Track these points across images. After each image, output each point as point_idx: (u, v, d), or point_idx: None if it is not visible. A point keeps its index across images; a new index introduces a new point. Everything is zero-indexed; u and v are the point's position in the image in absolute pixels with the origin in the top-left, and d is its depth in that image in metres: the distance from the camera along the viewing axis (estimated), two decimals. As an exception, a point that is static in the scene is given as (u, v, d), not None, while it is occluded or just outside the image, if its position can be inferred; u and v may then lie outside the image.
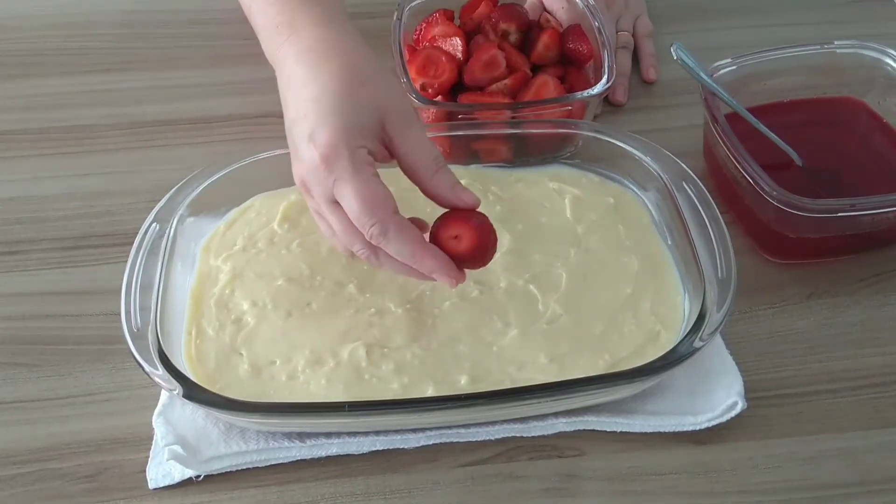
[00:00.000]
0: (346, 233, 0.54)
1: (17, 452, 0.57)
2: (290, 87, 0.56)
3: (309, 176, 0.54)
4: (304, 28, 0.58)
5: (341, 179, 0.52)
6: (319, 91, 0.54)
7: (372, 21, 0.85)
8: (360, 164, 0.53)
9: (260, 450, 0.56)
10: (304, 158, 0.54)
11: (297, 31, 0.58)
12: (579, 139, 0.71)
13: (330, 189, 0.53)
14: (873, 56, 0.73)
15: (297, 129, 0.54)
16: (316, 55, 0.56)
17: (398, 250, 0.53)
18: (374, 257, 0.54)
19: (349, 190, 0.52)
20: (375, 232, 0.52)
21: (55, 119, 0.79)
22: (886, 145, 0.73)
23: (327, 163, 0.52)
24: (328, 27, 0.58)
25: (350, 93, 0.54)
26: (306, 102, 0.54)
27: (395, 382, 0.57)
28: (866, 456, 0.57)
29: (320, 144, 0.52)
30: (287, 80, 0.57)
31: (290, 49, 0.57)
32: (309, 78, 0.55)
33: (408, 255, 0.53)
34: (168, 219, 0.62)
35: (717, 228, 0.61)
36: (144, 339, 0.55)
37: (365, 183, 0.52)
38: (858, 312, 0.65)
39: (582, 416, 0.58)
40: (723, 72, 0.72)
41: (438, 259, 0.53)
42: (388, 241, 0.52)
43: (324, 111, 0.53)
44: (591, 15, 0.78)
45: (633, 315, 0.60)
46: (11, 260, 0.68)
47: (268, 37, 0.60)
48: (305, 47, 0.57)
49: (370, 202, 0.52)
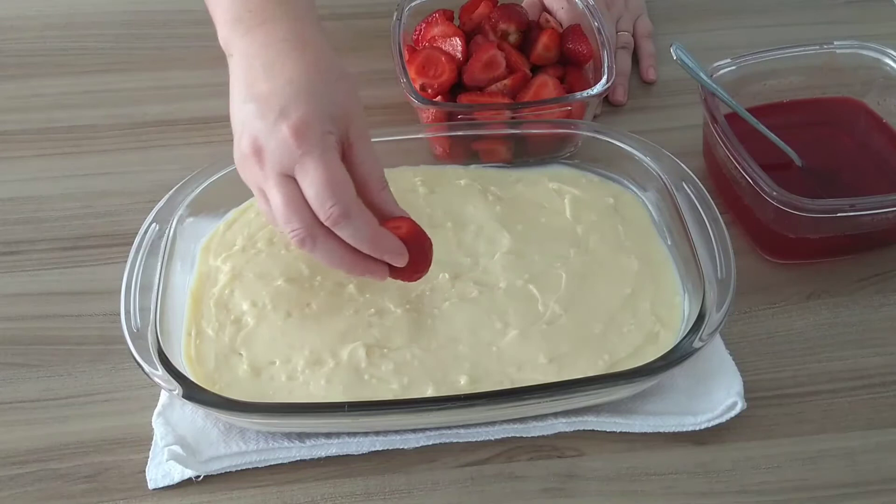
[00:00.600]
0: (288, 210, 0.53)
1: (16, 453, 0.57)
2: (253, 69, 0.56)
3: (271, 148, 0.53)
4: (279, 20, 0.58)
5: (309, 155, 0.52)
6: (295, 75, 0.55)
7: (372, 21, 0.85)
8: (329, 146, 0.53)
9: (259, 450, 0.56)
10: (267, 131, 0.53)
11: (270, 21, 0.58)
12: (579, 139, 0.71)
13: (291, 164, 0.53)
14: (873, 56, 0.73)
15: (258, 105, 0.54)
16: (290, 45, 0.57)
17: (357, 232, 0.53)
18: (309, 240, 0.53)
19: (315, 168, 0.52)
20: (336, 212, 0.52)
21: (55, 119, 0.79)
22: (886, 145, 0.73)
23: (298, 137, 0.52)
24: (302, 22, 0.59)
25: (326, 84, 0.55)
26: (278, 84, 0.54)
27: (394, 383, 0.57)
28: (866, 456, 0.57)
29: (293, 119, 0.53)
30: (249, 62, 0.57)
31: (260, 36, 0.57)
32: (282, 63, 0.55)
33: (367, 237, 0.53)
34: (168, 219, 0.62)
35: (716, 228, 0.61)
36: (144, 339, 0.55)
37: (332, 163, 0.53)
38: (858, 313, 0.65)
39: (581, 416, 0.58)
40: (722, 72, 0.72)
41: (395, 241, 0.55)
42: (348, 223, 0.53)
43: (299, 92, 0.54)
44: (590, 15, 0.78)
45: (633, 315, 0.60)
46: (11, 260, 0.68)
47: (233, 19, 0.59)
48: (279, 37, 0.57)
49: (335, 183, 0.52)
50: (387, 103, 0.79)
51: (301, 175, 0.53)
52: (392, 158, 0.69)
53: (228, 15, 0.60)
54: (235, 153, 0.56)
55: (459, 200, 0.68)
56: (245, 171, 0.56)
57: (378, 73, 0.82)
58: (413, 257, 0.56)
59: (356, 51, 0.84)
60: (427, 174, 0.69)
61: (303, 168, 0.52)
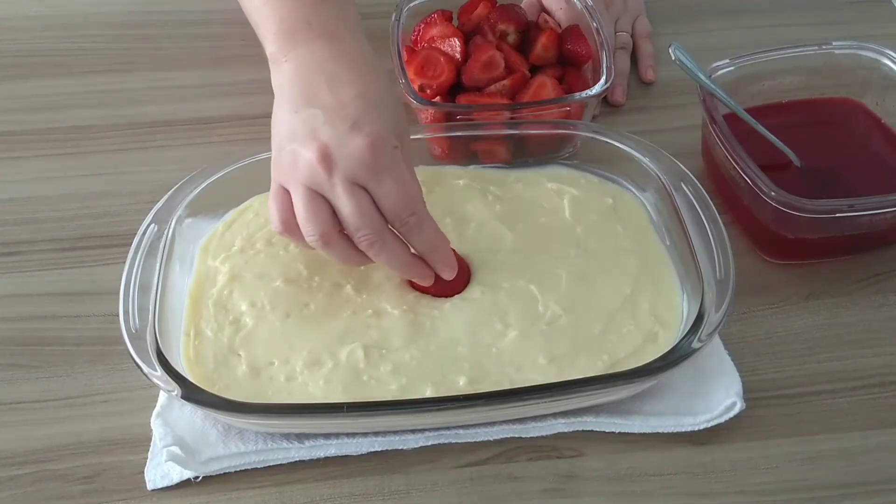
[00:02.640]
0: (362, 217, 0.55)
1: (15, 454, 0.57)
2: (314, 79, 0.58)
3: (344, 157, 0.55)
4: (341, 36, 0.61)
5: (385, 170, 0.55)
6: (364, 90, 0.57)
7: (370, 21, 0.85)
8: (398, 160, 0.56)
9: (258, 451, 0.56)
10: (339, 140, 0.55)
11: (332, 35, 0.60)
12: (578, 140, 0.71)
13: (364, 175, 0.55)
14: (871, 57, 0.73)
15: (326, 114, 0.56)
16: (354, 60, 0.59)
17: (427, 239, 0.58)
18: (378, 244, 0.56)
19: (394, 180, 0.55)
20: (413, 221, 0.57)
21: (54, 120, 0.79)
22: (884, 146, 0.73)
23: (373, 150, 0.55)
24: (360, 42, 0.62)
25: (390, 100, 0.59)
26: (347, 96, 0.57)
27: (393, 383, 0.57)
28: (865, 456, 0.57)
29: (367, 132, 0.55)
30: (309, 72, 0.58)
31: (322, 49, 0.59)
32: (348, 76, 0.58)
33: (432, 245, 0.58)
34: (166, 220, 0.62)
35: (715, 229, 0.61)
36: (143, 340, 0.55)
37: (408, 175, 0.57)
38: (857, 313, 0.65)
39: (581, 416, 0.58)
40: (721, 72, 0.72)
41: (451, 253, 0.60)
42: (421, 231, 0.57)
43: (368, 106, 0.57)
44: (589, 15, 0.78)
45: (632, 316, 0.60)
46: (10, 261, 0.68)
47: (290, 29, 0.61)
48: (343, 51, 0.60)
49: (412, 196, 0.57)
50: (386, 104, 0.79)
51: (376, 187, 0.55)
52: (391, 159, 0.69)
53: (286, 24, 0.61)
54: (281, 153, 0.57)
55: (459, 200, 0.68)
56: (295, 170, 0.56)
57: (377, 73, 0.82)
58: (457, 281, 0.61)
59: (355, 51, 0.84)
60: (426, 174, 0.69)
61: (379, 181, 0.55)
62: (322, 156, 0.55)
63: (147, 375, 0.53)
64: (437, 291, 0.61)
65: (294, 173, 0.56)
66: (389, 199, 0.56)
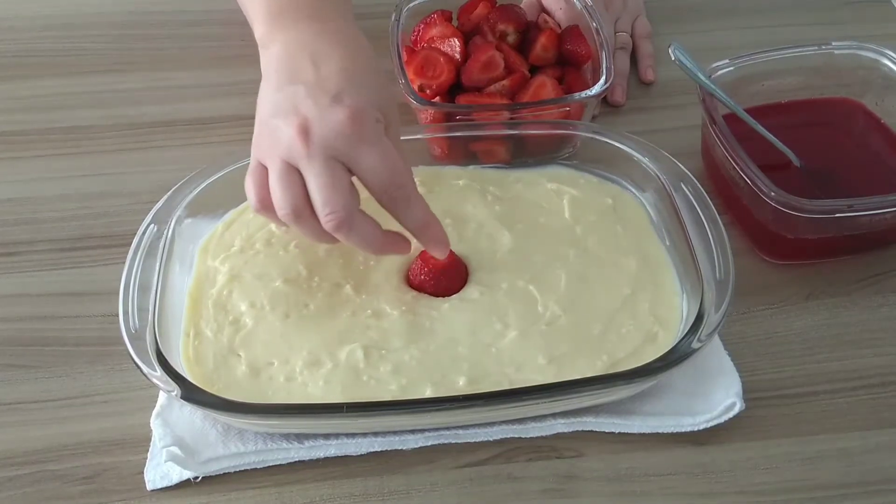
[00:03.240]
0: (333, 192, 0.53)
1: (14, 454, 0.57)
2: (298, 57, 0.58)
3: (324, 130, 0.54)
4: (326, 16, 0.61)
5: (368, 141, 0.54)
6: (347, 64, 0.57)
7: (370, 21, 0.85)
8: (381, 133, 0.55)
9: (258, 451, 0.56)
10: (320, 113, 0.54)
11: (317, 16, 0.61)
12: (577, 140, 0.71)
13: (344, 149, 0.54)
14: (871, 57, 0.73)
15: (307, 88, 0.55)
16: (338, 38, 0.59)
17: (417, 216, 0.56)
18: (346, 224, 0.54)
19: (377, 152, 0.54)
20: (400, 196, 0.55)
21: (53, 120, 0.79)
22: (884, 146, 0.73)
23: (354, 123, 0.54)
24: (346, 20, 0.62)
25: (375, 75, 0.58)
26: (330, 71, 0.56)
27: (393, 384, 0.57)
28: (864, 456, 0.57)
29: (349, 105, 0.54)
30: (293, 52, 0.59)
31: (308, 29, 0.60)
32: (331, 52, 0.58)
33: (423, 221, 0.57)
34: (166, 220, 0.62)
35: (715, 229, 0.61)
36: (142, 340, 0.55)
37: (391, 150, 0.55)
38: (856, 313, 0.65)
39: (580, 416, 0.58)
40: (721, 73, 0.72)
41: (442, 229, 0.58)
42: (409, 207, 0.56)
43: (353, 79, 0.56)
44: (589, 16, 0.78)
45: (632, 316, 0.60)
46: (9, 261, 0.68)
47: (277, 12, 0.61)
48: (328, 30, 0.60)
49: (399, 168, 0.55)
50: (385, 104, 0.80)
51: (357, 159, 0.54)
52: (391, 159, 0.69)
53: (274, 7, 0.62)
54: (262, 129, 0.57)
55: (458, 200, 0.68)
56: (274, 145, 0.55)
57: (376, 73, 0.82)
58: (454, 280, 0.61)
59: (355, 51, 0.84)
60: (425, 174, 0.69)
61: (359, 153, 0.54)
62: (301, 129, 0.54)
63: (147, 376, 0.53)
64: (435, 291, 0.61)
65: (272, 148, 0.55)
66: (373, 173, 0.54)
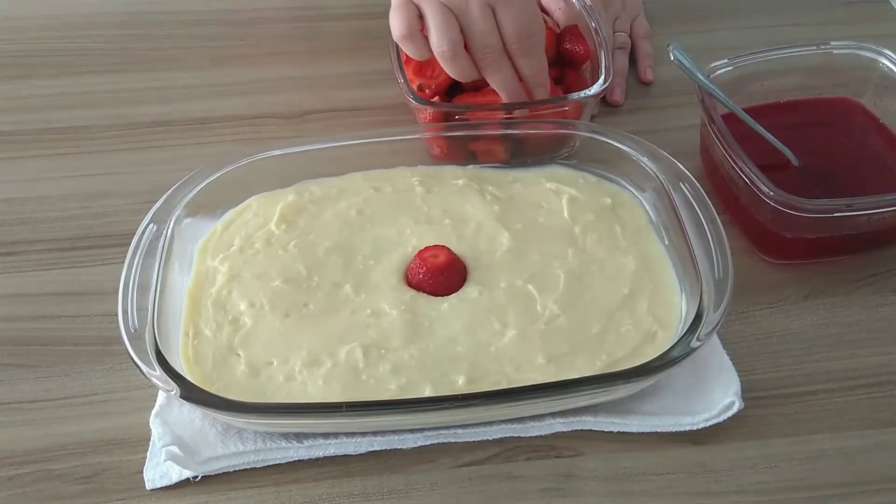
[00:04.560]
0: (489, 35, 0.65)
1: (13, 454, 0.57)
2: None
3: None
4: None
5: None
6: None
7: (370, 21, 0.85)
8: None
9: (257, 450, 0.56)
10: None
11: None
12: (576, 140, 0.71)
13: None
14: (869, 57, 0.74)
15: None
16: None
17: (535, 62, 0.68)
18: (497, 63, 0.66)
19: (521, 4, 0.66)
20: (528, 44, 0.67)
21: (53, 120, 0.79)
22: (883, 145, 0.73)
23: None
24: None
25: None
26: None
27: (392, 383, 0.57)
28: (863, 456, 0.57)
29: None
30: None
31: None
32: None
33: (538, 67, 0.69)
34: (165, 219, 0.62)
35: (713, 229, 0.61)
36: (142, 339, 0.55)
37: (534, 4, 0.68)
38: (855, 312, 0.65)
39: (579, 416, 0.58)
40: (720, 72, 0.72)
41: (548, 77, 0.70)
42: (533, 54, 0.67)
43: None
44: (587, 15, 0.78)
45: (631, 315, 0.61)
46: (9, 261, 0.68)
47: None
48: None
49: (536, 20, 0.68)
50: (384, 104, 0.80)
51: (505, 6, 0.65)
52: (389, 159, 0.70)
53: None
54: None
55: (457, 200, 0.68)
56: (434, 7, 0.64)
57: (375, 73, 0.82)
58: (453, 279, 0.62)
59: (353, 51, 0.84)
60: (425, 174, 0.69)
61: (509, 3, 0.65)
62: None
63: (146, 375, 0.53)
64: (434, 291, 0.61)
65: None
66: (515, 21, 0.65)
